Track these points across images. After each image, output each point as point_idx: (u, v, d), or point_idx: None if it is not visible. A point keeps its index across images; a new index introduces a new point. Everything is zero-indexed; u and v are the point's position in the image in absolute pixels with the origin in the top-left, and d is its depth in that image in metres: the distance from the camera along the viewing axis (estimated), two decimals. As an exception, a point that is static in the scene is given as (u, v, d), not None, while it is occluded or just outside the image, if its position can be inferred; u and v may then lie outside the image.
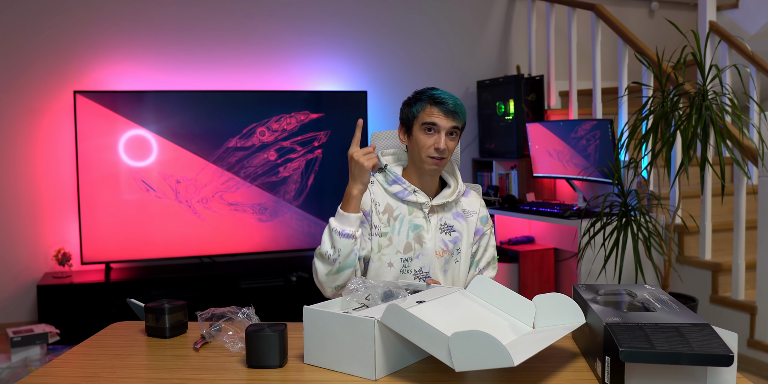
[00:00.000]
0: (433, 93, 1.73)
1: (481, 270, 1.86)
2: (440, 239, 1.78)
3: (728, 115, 2.76)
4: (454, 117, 1.70)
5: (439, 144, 1.68)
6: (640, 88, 3.46)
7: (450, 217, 1.81)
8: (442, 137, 1.69)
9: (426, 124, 1.70)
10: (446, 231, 1.79)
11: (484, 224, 1.86)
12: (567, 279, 3.98)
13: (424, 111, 1.71)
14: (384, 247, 1.75)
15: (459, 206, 1.84)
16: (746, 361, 3.03)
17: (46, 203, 3.81)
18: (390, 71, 4.42)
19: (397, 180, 1.77)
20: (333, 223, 1.66)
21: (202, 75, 4.06)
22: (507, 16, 4.73)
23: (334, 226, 1.65)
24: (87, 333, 1.72)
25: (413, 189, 1.76)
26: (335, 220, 1.67)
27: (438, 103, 1.70)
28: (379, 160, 1.81)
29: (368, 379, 1.22)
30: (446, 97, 1.71)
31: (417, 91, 1.78)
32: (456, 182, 1.84)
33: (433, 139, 1.70)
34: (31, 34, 3.77)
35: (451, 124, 1.70)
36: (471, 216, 1.84)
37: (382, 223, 1.75)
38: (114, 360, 1.36)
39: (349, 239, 1.64)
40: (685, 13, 5.23)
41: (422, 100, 1.73)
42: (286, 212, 3.97)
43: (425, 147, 1.71)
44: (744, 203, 3.11)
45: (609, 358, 1.14)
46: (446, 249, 1.78)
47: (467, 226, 1.82)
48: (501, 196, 4.19)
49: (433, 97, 1.71)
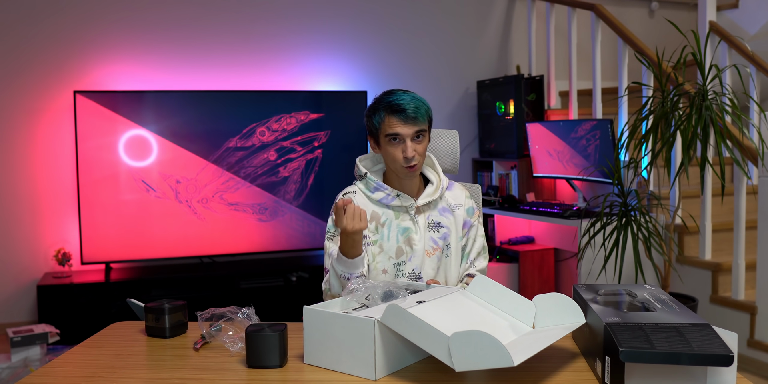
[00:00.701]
0: (390, 100, 1.68)
1: (472, 261, 1.85)
2: (429, 238, 1.77)
3: (728, 115, 2.76)
4: (414, 122, 1.66)
5: (406, 152, 1.66)
6: (640, 88, 3.46)
7: (437, 213, 1.80)
8: (408, 145, 1.66)
9: (389, 135, 1.67)
10: (434, 228, 1.78)
11: (471, 216, 1.85)
12: (567, 279, 3.98)
13: (384, 122, 1.68)
14: (376, 254, 1.74)
15: (444, 201, 1.82)
16: (746, 361, 3.03)
17: (46, 203, 3.81)
18: (390, 71, 4.42)
19: (378, 186, 1.75)
20: (339, 269, 1.64)
21: (202, 75, 4.06)
22: (507, 16, 4.73)
23: (341, 272, 1.63)
24: (87, 333, 1.72)
25: (396, 194, 1.75)
26: (340, 266, 1.64)
27: (395, 112, 1.66)
28: (358, 168, 1.79)
29: (368, 379, 1.22)
30: (402, 102, 1.66)
31: (375, 98, 1.73)
32: (437, 178, 1.82)
33: (399, 148, 1.67)
34: (30, 33, 3.77)
35: (413, 130, 1.67)
36: (457, 209, 1.82)
37: (371, 232, 1.74)
38: (114, 360, 1.36)
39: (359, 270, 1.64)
40: (685, 13, 5.23)
41: (380, 110, 1.69)
42: (286, 212, 3.97)
43: (395, 158, 1.69)
44: (744, 203, 3.11)
45: (609, 358, 1.14)
46: (436, 247, 1.78)
47: (455, 219, 1.81)
48: (501, 196, 4.19)
49: (390, 106, 1.67)
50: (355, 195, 1.77)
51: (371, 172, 1.80)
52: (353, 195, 1.77)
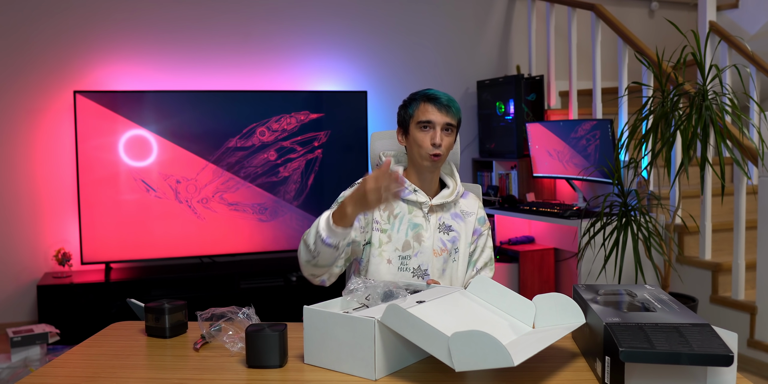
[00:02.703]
0: (427, 91, 1.79)
1: (478, 270, 1.88)
2: (438, 238, 1.80)
3: (728, 115, 2.76)
4: (447, 112, 1.74)
5: (435, 139, 1.72)
6: (640, 88, 3.46)
7: (449, 217, 1.83)
8: (437, 132, 1.73)
9: (421, 122, 1.74)
10: (444, 230, 1.81)
11: (482, 225, 1.89)
12: (567, 279, 3.98)
13: (419, 109, 1.76)
14: (384, 243, 1.76)
15: (458, 207, 1.86)
16: (746, 361, 3.03)
17: (46, 203, 3.81)
18: (390, 71, 4.42)
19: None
20: (322, 227, 1.57)
21: (202, 75, 4.06)
22: (507, 16, 4.73)
23: (321, 230, 1.57)
24: (87, 333, 1.72)
25: (414, 188, 1.79)
26: (324, 226, 1.57)
27: (431, 100, 1.75)
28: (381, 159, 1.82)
29: (368, 379, 1.22)
30: (440, 94, 1.77)
31: (412, 93, 1.83)
32: (455, 183, 1.87)
33: (429, 135, 1.74)
34: (30, 33, 3.77)
35: (445, 120, 1.74)
36: (469, 217, 1.87)
37: (383, 220, 1.77)
38: (114, 360, 1.36)
39: (330, 248, 1.57)
40: (685, 13, 5.23)
41: (416, 100, 1.79)
42: (286, 212, 3.97)
43: (423, 143, 1.74)
44: (744, 203, 3.11)
45: (609, 358, 1.14)
46: (444, 248, 1.80)
47: (465, 226, 1.85)
48: (501, 196, 4.19)
49: (427, 95, 1.77)
50: None
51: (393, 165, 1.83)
52: None
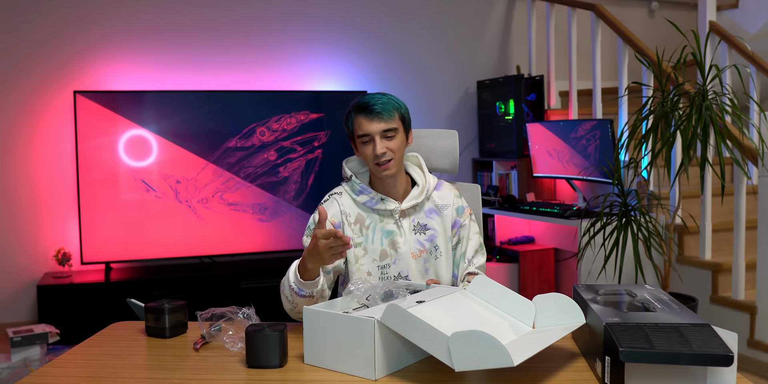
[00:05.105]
0: (360, 101, 1.69)
1: (470, 260, 1.80)
2: (415, 240, 1.75)
3: (728, 115, 2.76)
4: (381, 118, 1.65)
5: (376, 150, 1.65)
6: (640, 88, 3.46)
7: (423, 216, 1.77)
8: (377, 143, 1.65)
9: (360, 136, 1.68)
10: (420, 231, 1.76)
11: (461, 215, 1.80)
12: (567, 279, 3.98)
13: (355, 123, 1.69)
14: (360, 257, 1.72)
15: (431, 202, 1.79)
16: (746, 361, 3.03)
17: (45, 203, 3.81)
18: (390, 71, 4.42)
19: (363, 190, 1.73)
20: (292, 281, 1.51)
21: (202, 75, 4.06)
22: (507, 16, 4.73)
23: (293, 284, 1.51)
24: (87, 333, 1.72)
25: (380, 197, 1.72)
26: (294, 280, 1.51)
27: (362, 110, 1.67)
28: (344, 170, 1.78)
29: (368, 379, 1.22)
30: (368, 99, 1.67)
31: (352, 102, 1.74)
32: (423, 179, 1.79)
33: (370, 147, 1.67)
34: (30, 33, 3.77)
35: (380, 128, 1.65)
36: (445, 210, 1.79)
37: (355, 234, 1.72)
38: (114, 360, 1.37)
39: (306, 298, 1.52)
40: (685, 13, 5.23)
41: (351, 113, 1.70)
42: (286, 212, 3.97)
43: (368, 158, 1.68)
44: (744, 203, 3.11)
45: (609, 358, 1.14)
46: (423, 249, 1.75)
47: (442, 221, 1.78)
48: (501, 196, 4.19)
49: (359, 105, 1.68)
50: (341, 196, 1.75)
51: (359, 174, 1.78)
52: (339, 196, 1.75)
